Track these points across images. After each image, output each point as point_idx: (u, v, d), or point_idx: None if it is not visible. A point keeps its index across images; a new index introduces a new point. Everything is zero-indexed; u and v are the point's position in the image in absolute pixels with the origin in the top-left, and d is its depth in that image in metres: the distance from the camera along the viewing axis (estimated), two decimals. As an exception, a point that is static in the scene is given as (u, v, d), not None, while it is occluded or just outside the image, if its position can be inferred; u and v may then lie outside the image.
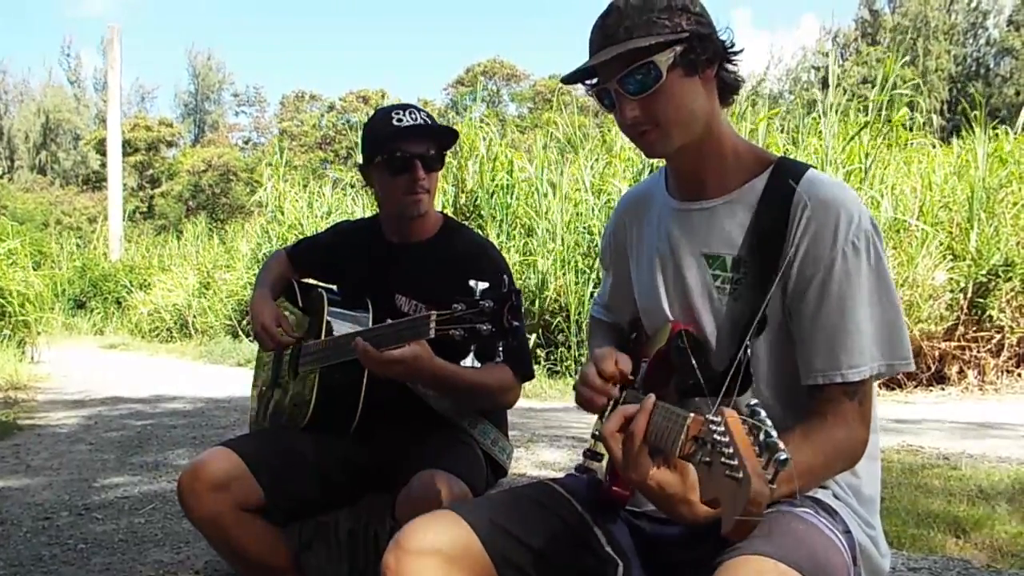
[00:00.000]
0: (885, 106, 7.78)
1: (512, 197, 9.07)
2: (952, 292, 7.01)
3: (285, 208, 11.79)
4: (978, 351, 7.11)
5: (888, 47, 28.54)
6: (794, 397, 1.27)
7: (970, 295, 7.06)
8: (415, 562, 1.21)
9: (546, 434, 4.93)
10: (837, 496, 1.28)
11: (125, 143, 28.49)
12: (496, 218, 8.87)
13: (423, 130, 1.98)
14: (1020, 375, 7.16)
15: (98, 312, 17.54)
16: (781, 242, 1.24)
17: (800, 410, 1.25)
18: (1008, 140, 8.25)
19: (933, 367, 7.14)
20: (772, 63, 31.45)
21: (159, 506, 3.33)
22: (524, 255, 8.37)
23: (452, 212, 9.05)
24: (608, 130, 9.38)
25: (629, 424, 1.09)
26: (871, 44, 30.96)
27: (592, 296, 7.61)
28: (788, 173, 1.28)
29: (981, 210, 7.27)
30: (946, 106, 25.43)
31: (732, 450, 0.85)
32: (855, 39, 32.50)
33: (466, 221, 8.66)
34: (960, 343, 7.13)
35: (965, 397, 6.86)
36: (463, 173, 9.38)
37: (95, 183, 36.98)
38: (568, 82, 1.34)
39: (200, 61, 48.09)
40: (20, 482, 3.75)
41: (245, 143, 44.28)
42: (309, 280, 2.32)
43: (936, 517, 2.95)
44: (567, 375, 7.50)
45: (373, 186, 2.09)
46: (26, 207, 28.31)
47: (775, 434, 0.84)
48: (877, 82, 8.10)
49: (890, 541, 1.36)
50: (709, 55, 1.25)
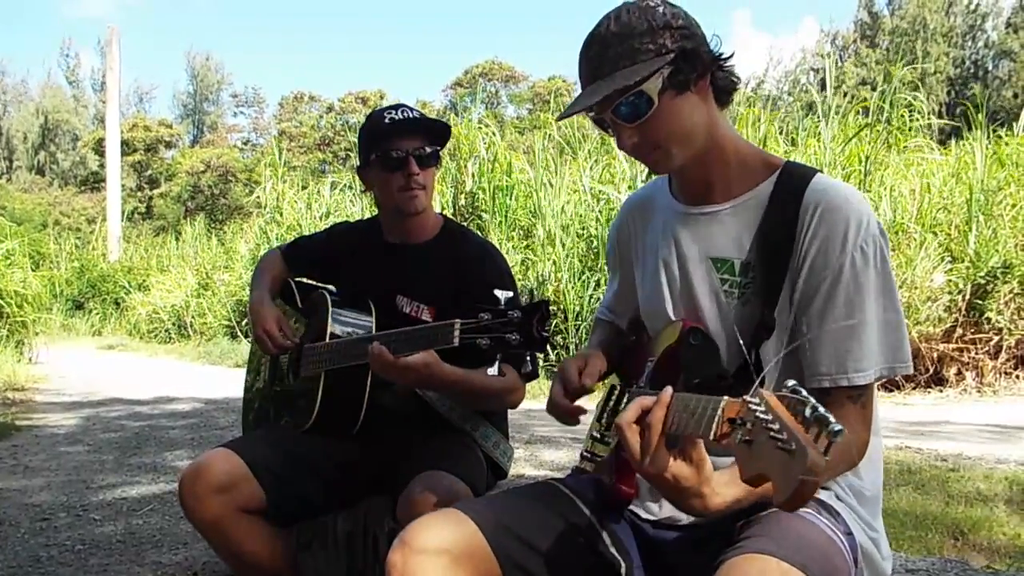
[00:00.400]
0: (884, 108, 7.79)
1: (511, 198, 9.07)
2: (950, 294, 7.01)
3: (284, 209, 11.79)
4: (976, 353, 7.12)
5: (887, 49, 28.59)
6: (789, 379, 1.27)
7: (968, 297, 7.07)
8: (422, 561, 1.21)
9: (545, 435, 4.93)
10: (839, 497, 1.28)
11: (124, 143, 28.45)
12: (495, 219, 8.87)
13: (415, 125, 1.98)
14: (1018, 377, 7.16)
15: (96, 313, 17.52)
16: (790, 246, 1.24)
17: None
18: (1010, 141, 8.25)
19: (931, 369, 7.14)
20: (771, 65, 31.49)
21: (157, 507, 3.33)
22: (523, 257, 8.37)
23: (451, 213, 9.05)
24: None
25: (646, 416, 1.08)
26: (870, 46, 31.00)
27: (591, 298, 7.62)
28: (796, 177, 1.28)
29: (979, 212, 7.28)
30: (944, 108, 25.45)
31: (779, 425, 0.84)
32: (854, 41, 32.53)
33: (465, 222, 8.66)
34: (958, 345, 7.13)
35: (963, 399, 6.86)
36: (462, 175, 9.38)
37: (93, 184, 36.93)
38: (562, 119, 1.36)
39: (199, 62, 48.09)
40: (18, 483, 3.74)
41: (244, 144, 44.26)
42: (306, 280, 2.31)
43: (934, 518, 2.95)
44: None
45: (371, 187, 2.09)
46: (24, 208, 28.29)
47: (822, 408, 0.83)
48: (876, 84, 8.11)
49: (888, 542, 1.36)
50: (699, 69, 1.24)
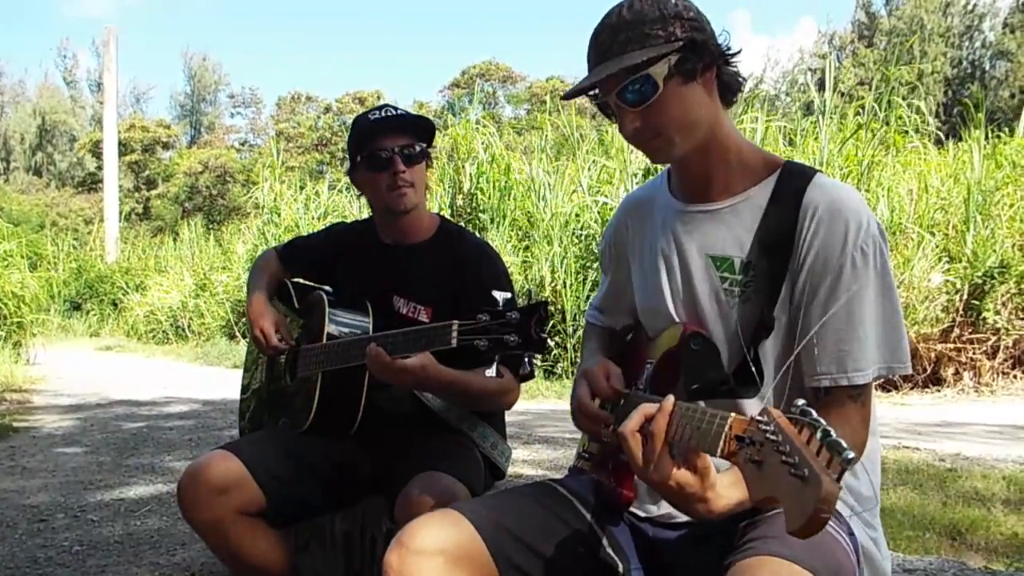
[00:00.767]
0: (881, 108, 7.80)
1: (509, 199, 9.07)
2: (948, 294, 7.02)
3: (282, 210, 11.78)
4: (974, 353, 7.13)
5: (885, 50, 28.62)
6: (799, 399, 1.27)
7: (966, 297, 7.08)
8: (419, 562, 1.20)
9: (543, 435, 4.93)
10: (839, 497, 1.28)
11: (121, 144, 28.45)
12: (493, 220, 8.87)
13: (399, 123, 1.99)
14: (1016, 377, 7.17)
15: (94, 314, 17.50)
16: (790, 246, 1.25)
17: None
18: (1009, 142, 8.27)
19: (929, 369, 7.15)
20: (769, 65, 31.50)
21: (155, 508, 3.33)
22: (521, 257, 8.37)
23: (449, 214, 9.04)
24: (606, 132, 9.38)
25: (649, 424, 1.08)
26: (868, 46, 31.04)
27: (589, 298, 7.62)
28: (796, 177, 1.29)
29: (977, 212, 7.29)
30: (942, 109, 25.48)
31: (789, 448, 0.83)
32: (851, 41, 32.59)
33: (463, 223, 8.66)
34: (956, 345, 7.14)
35: (961, 399, 6.87)
36: (460, 175, 9.38)
37: (91, 185, 36.90)
38: (568, 98, 1.35)
39: (196, 62, 48.10)
40: (15, 484, 3.73)
41: (241, 145, 44.25)
42: (302, 281, 2.31)
43: (932, 518, 2.95)
44: (564, 377, 7.50)
45: (362, 189, 2.09)
46: (22, 209, 28.28)
47: (834, 432, 0.82)
48: (875, 84, 8.13)
49: (886, 542, 1.36)
50: (706, 60, 1.25)
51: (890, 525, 2.84)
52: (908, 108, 8.38)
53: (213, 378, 8.81)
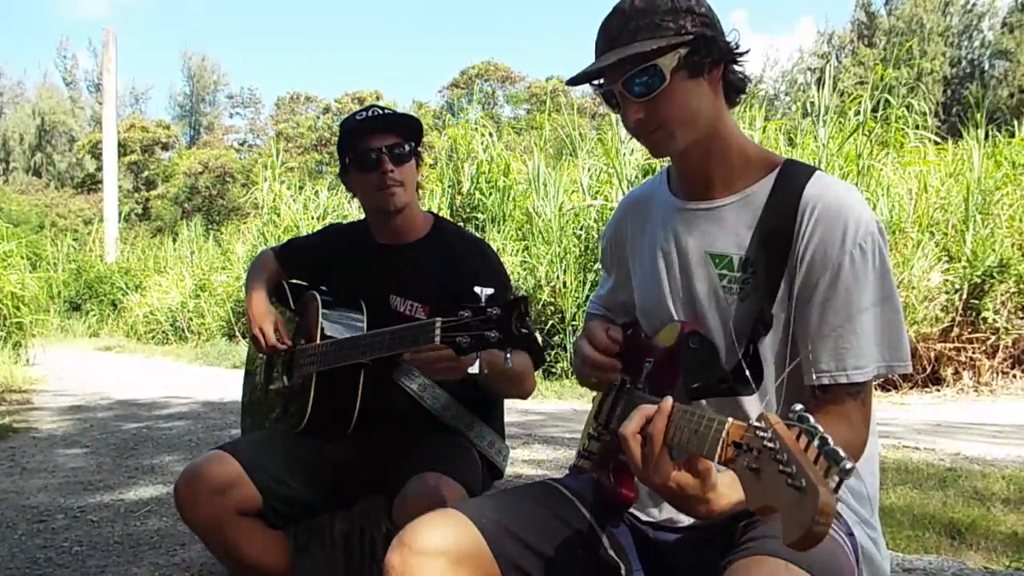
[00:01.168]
0: (880, 107, 7.80)
1: (509, 199, 9.07)
2: (947, 294, 7.02)
3: (281, 210, 11.78)
4: (973, 352, 7.13)
5: (884, 49, 28.61)
6: (798, 396, 1.27)
7: (965, 296, 7.08)
8: (420, 562, 1.20)
9: (542, 434, 4.93)
10: (838, 497, 1.28)
11: (120, 144, 28.42)
12: (492, 220, 8.87)
13: (385, 122, 1.98)
14: (1015, 376, 7.17)
15: (93, 314, 17.50)
16: (789, 244, 1.25)
17: None
18: (1009, 142, 8.27)
19: (928, 368, 7.15)
20: (768, 65, 31.49)
21: (155, 509, 3.33)
22: (521, 257, 8.37)
23: (449, 214, 9.04)
24: (606, 132, 9.39)
25: (648, 426, 1.08)
26: (867, 46, 31.04)
27: (589, 298, 7.61)
28: (795, 175, 1.29)
29: (976, 212, 7.30)
30: (941, 108, 25.48)
31: (787, 457, 0.82)
32: (851, 41, 32.58)
33: (463, 223, 8.66)
34: (955, 344, 7.14)
35: (960, 398, 6.87)
36: (459, 175, 9.38)
37: (90, 185, 36.90)
38: (573, 84, 1.35)
39: (195, 62, 48.06)
40: (15, 485, 3.73)
41: (241, 145, 44.25)
42: (298, 282, 2.31)
43: (931, 518, 2.95)
44: (563, 376, 7.50)
45: (353, 191, 2.09)
46: (21, 209, 28.28)
47: (831, 440, 0.82)
48: (872, 84, 8.13)
49: (886, 542, 1.36)
50: (714, 57, 1.25)
51: (889, 524, 2.84)
52: (907, 107, 8.38)
53: (213, 378, 8.81)
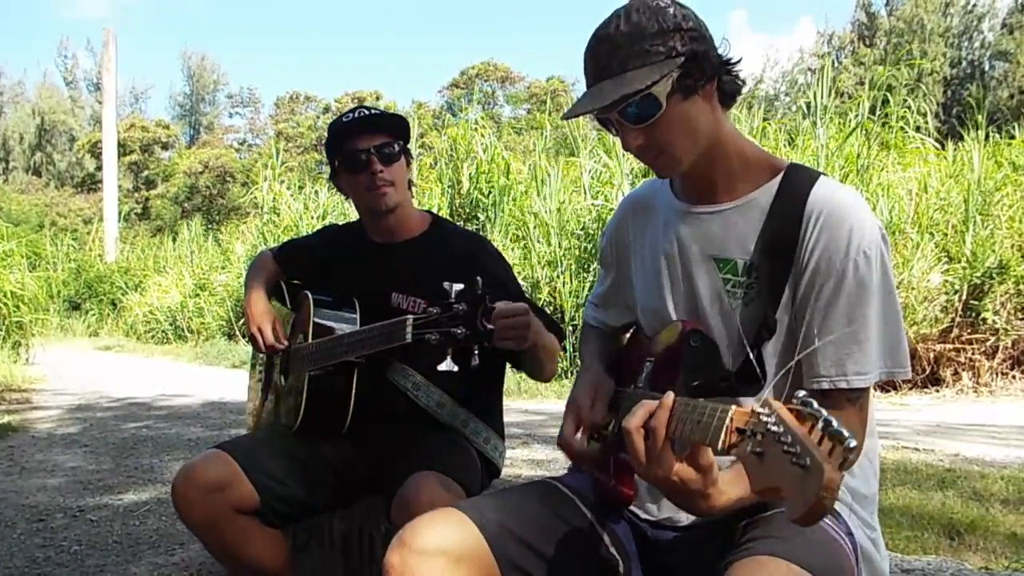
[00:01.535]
0: (879, 107, 7.80)
1: (508, 199, 9.06)
2: (947, 294, 7.02)
3: (281, 210, 11.78)
4: (973, 353, 7.13)
5: (884, 50, 28.61)
6: (800, 390, 1.26)
7: (965, 297, 7.08)
8: (421, 562, 1.19)
9: (542, 434, 4.94)
10: (838, 497, 1.28)
11: (120, 144, 28.41)
12: (492, 220, 8.86)
13: (372, 122, 1.98)
14: (1015, 377, 7.17)
15: (93, 314, 17.51)
16: (793, 249, 1.24)
17: None
18: (1011, 143, 8.28)
19: (928, 369, 7.15)
20: (768, 66, 31.48)
21: (153, 508, 3.33)
22: (520, 257, 8.37)
23: (448, 214, 9.04)
24: (603, 132, 9.38)
25: (650, 420, 1.07)
26: (868, 46, 31.03)
27: (588, 298, 7.60)
28: (800, 180, 1.28)
29: (976, 213, 7.30)
30: (941, 109, 25.48)
31: (791, 439, 0.83)
32: (851, 41, 32.58)
33: (463, 223, 8.66)
34: (955, 345, 7.14)
35: (960, 399, 6.87)
36: (458, 175, 9.37)
37: (90, 185, 36.89)
38: (568, 118, 1.33)
39: (194, 62, 48.04)
40: (14, 484, 3.74)
41: (240, 144, 44.25)
42: (296, 283, 2.31)
43: (931, 518, 2.95)
44: (563, 376, 7.50)
45: (345, 193, 2.09)
46: (21, 208, 28.28)
47: (835, 421, 0.82)
48: (869, 84, 8.13)
49: (884, 542, 1.36)
50: (708, 72, 1.23)
51: (889, 525, 2.84)
52: (907, 108, 8.38)
53: (212, 378, 8.82)
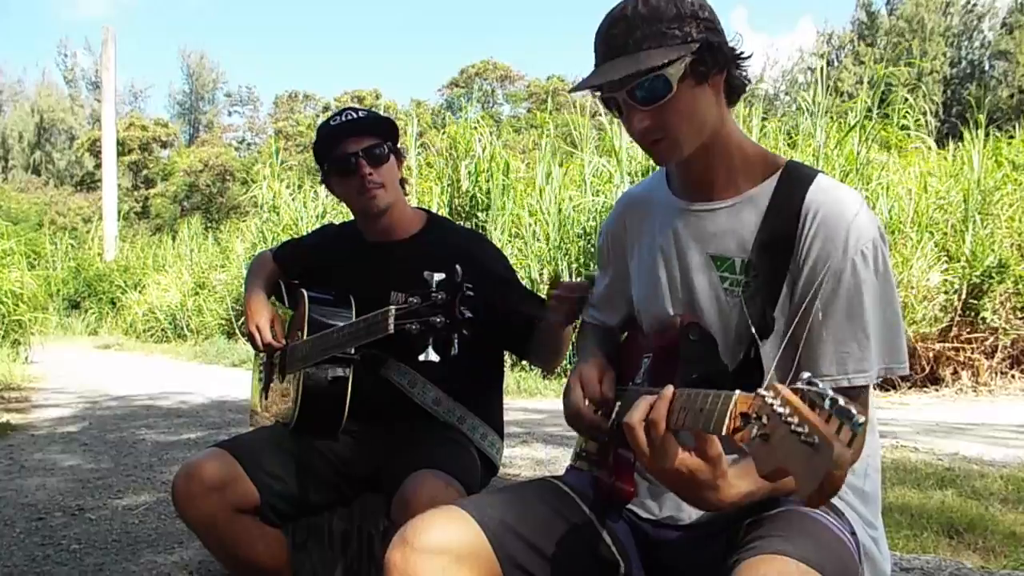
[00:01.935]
0: (876, 106, 7.80)
1: (508, 198, 9.06)
2: (946, 294, 7.02)
3: (280, 208, 11.76)
4: (972, 352, 7.14)
5: (884, 49, 28.60)
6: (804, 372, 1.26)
7: (964, 296, 7.08)
8: (423, 561, 1.18)
9: (542, 433, 4.94)
10: (841, 496, 1.27)
11: (119, 143, 28.38)
12: (491, 219, 8.86)
13: (359, 125, 1.98)
14: (1014, 376, 7.18)
15: (92, 312, 17.50)
16: (791, 247, 1.24)
17: None
18: (1010, 142, 8.28)
19: (927, 368, 7.16)
20: (768, 65, 31.50)
21: (153, 507, 3.33)
22: (520, 256, 8.36)
23: (448, 213, 9.04)
24: (606, 131, 9.38)
25: (651, 413, 1.07)
26: (869, 45, 31.02)
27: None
28: (798, 178, 1.28)
29: (976, 212, 7.30)
30: (941, 108, 25.48)
31: (798, 419, 0.82)
32: (851, 41, 32.58)
33: (462, 222, 8.65)
34: (954, 344, 7.15)
35: (959, 398, 6.88)
36: (457, 175, 9.37)
37: (89, 183, 36.87)
38: (577, 91, 1.32)
39: (193, 60, 47.99)
40: (14, 483, 3.73)
41: (240, 143, 44.22)
42: (295, 282, 2.31)
43: (930, 517, 2.96)
44: (563, 375, 7.50)
45: (336, 195, 2.10)
46: (20, 207, 28.17)
47: (842, 400, 0.82)
48: (869, 83, 8.14)
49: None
50: (719, 63, 1.24)
51: (888, 524, 2.83)
52: (909, 107, 8.38)
53: (211, 376, 8.81)
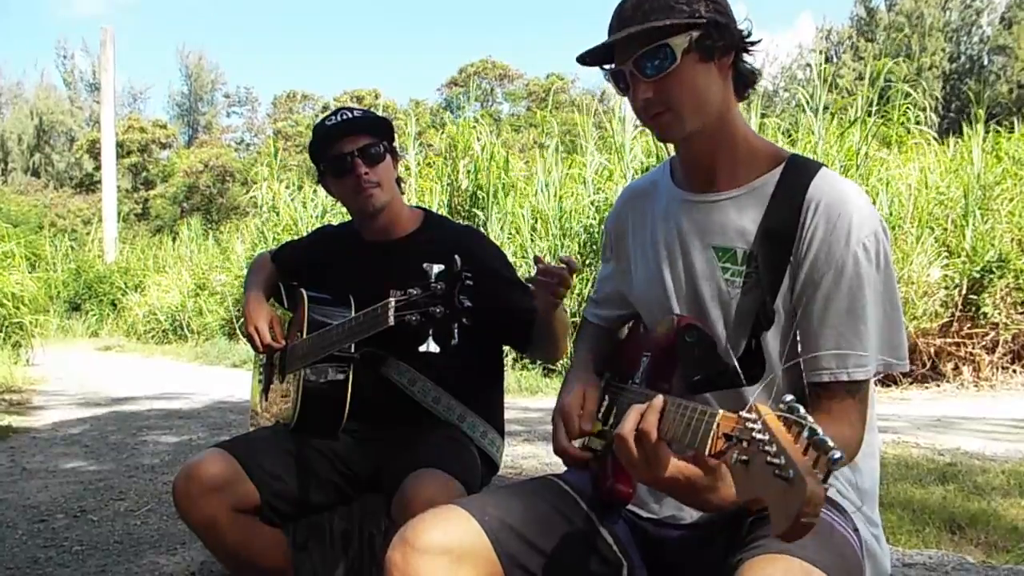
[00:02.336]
0: (875, 102, 7.80)
1: (507, 196, 9.06)
2: (947, 289, 7.02)
3: (280, 208, 11.76)
4: (973, 347, 7.14)
5: (884, 44, 28.56)
6: (800, 391, 1.26)
7: (965, 292, 7.08)
8: (424, 560, 1.18)
9: (543, 431, 4.93)
10: (841, 493, 1.27)
11: (119, 145, 28.37)
12: (491, 217, 8.86)
13: (353, 125, 1.98)
14: (1015, 371, 7.18)
15: (93, 314, 17.48)
16: (792, 239, 1.24)
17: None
18: (1010, 137, 8.27)
19: (928, 363, 7.16)
20: (767, 61, 31.44)
21: (155, 508, 3.33)
22: (519, 254, 8.36)
23: (447, 212, 9.04)
24: (607, 129, 9.36)
25: (641, 423, 1.07)
26: (868, 41, 30.98)
27: (588, 296, 7.60)
28: (800, 171, 1.29)
29: (976, 207, 7.30)
30: (940, 103, 25.46)
31: (776, 448, 0.81)
32: (850, 36, 32.54)
33: (462, 221, 8.65)
34: (955, 339, 7.15)
35: (960, 393, 6.87)
36: (457, 173, 9.36)
37: (89, 185, 36.86)
38: (584, 62, 1.34)
39: (192, 61, 47.93)
40: (16, 485, 3.74)
41: (238, 144, 44.21)
42: (295, 283, 2.31)
43: (931, 513, 2.96)
44: (562, 373, 7.49)
45: (333, 195, 2.10)
46: (20, 209, 28.18)
47: (821, 431, 0.80)
48: (869, 79, 8.13)
49: (886, 537, 1.36)
50: (726, 43, 1.25)
51: (890, 520, 2.84)
52: (910, 102, 8.37)
53: (212, 377, 8.82)
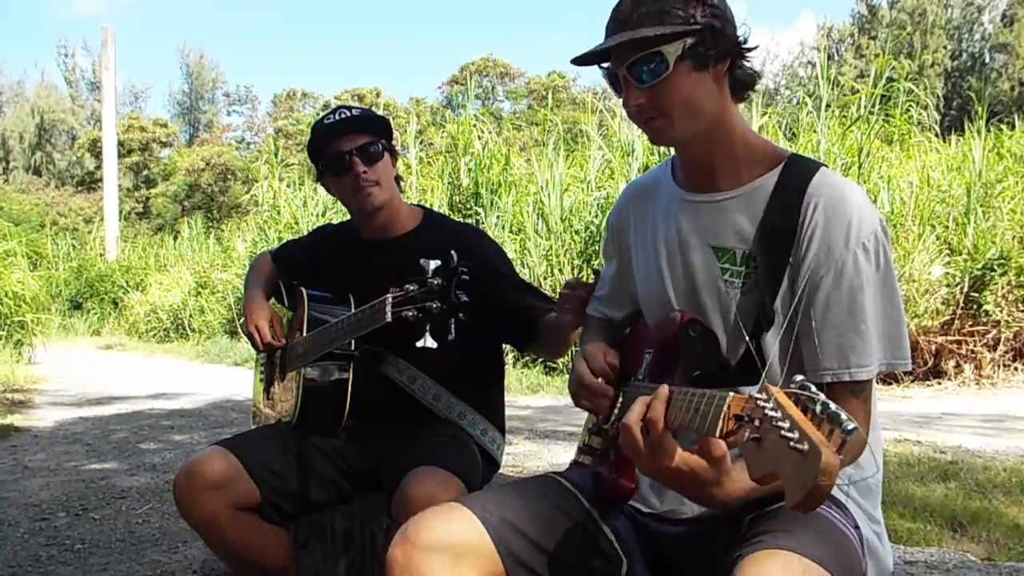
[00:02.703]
0: (877, 101, 7.79)
1: (508, 195, 9.05)
2: (948, 286, 7.01)
3: (281, 207, 11.76)
4: (974, 345, 7.13)
5: (885, 41, 28.53)
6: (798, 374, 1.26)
7: (966, 289, 7.07)
8: (425, 558, 1.19)
9: (543, 429, 4.94)
10: (843, 491, 1.27)
11: (120, 144, 28.38)
12: (491, 215, 8.86)
13: (352, 124, 1.98)
14: (1016, 369, 7.17)
15: (95, 313, 17.50)
16: (791, 239, 1.24)
17: None
18: (1012, 135, 8.26)
19: (930, 362, 7.15)
20: (769, 59, 31.40)
21: (156, 506, 3.33)
22: (520, 252, 8.36)
23: (448, 210, 9.04)
24: (608, 127, 9.36)
25: (647, 413, 1.07)
26: (870, 39, 30.92)
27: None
28: (800, 170, 1.28)
29: (978, 204, 7.29)
30: (942, 101, 25.41)
31: (789, 424, 0.82)
32: (851, 34, 32.49)
33: (462, 219, 8.65)
34: (956, 337, 7.14)
35: (962, 391, 6.87)
36: (458, 171, 9.36)
37: (90, 184, 36.87)
38: (579, 63, 1.34)
39: (192, 59, 47.92)
40: (17, 483, 3.74)
41: (239, 143, 44.19)
42: (295, 282, 2.32)
43: (933, 511, 2.95)
44: (563, 371, 7.50)
45: (332, 194, 2.10)
46: (22, 208, 28.18)
47: (833, 405, 0.81)
48: (872, 77, 8.12)
49: (888, 534, 1.36)
50: (721, 50, 1.24)
51: (892, 518, 2.84)
52: (912, 100, 8.36)
53: (214, 375, 8.82)
